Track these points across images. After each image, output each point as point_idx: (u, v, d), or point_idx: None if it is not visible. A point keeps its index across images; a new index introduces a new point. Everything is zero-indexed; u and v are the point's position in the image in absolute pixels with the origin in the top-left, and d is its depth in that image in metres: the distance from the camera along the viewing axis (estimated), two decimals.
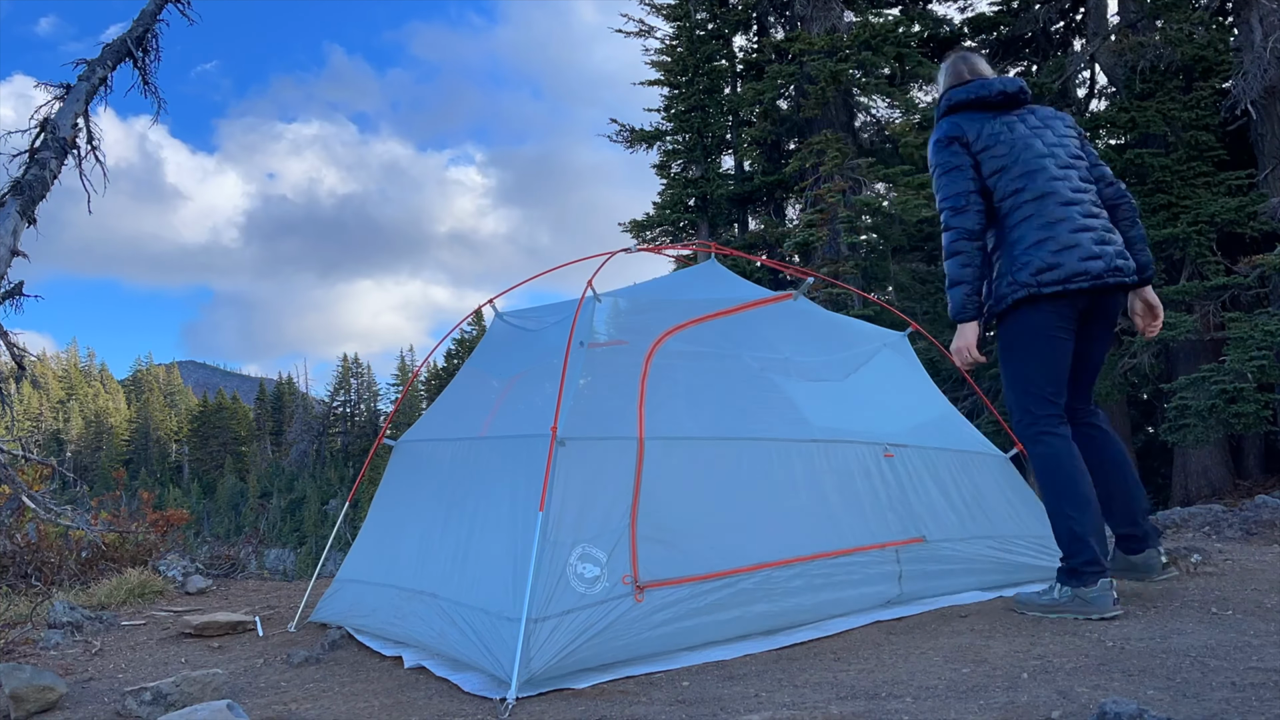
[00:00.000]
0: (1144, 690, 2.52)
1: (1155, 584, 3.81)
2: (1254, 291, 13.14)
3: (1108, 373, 14.17)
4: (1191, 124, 13.94)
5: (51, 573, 5.88)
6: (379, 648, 3.86)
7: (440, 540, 3.86)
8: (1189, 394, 11.94)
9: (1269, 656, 2.82)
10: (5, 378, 5.27)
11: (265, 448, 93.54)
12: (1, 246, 4.94)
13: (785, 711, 2.49)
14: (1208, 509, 6.23)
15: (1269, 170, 13.27)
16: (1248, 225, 13.25)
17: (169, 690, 3.03)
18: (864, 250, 15.19)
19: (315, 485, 76.16)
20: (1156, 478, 16.94)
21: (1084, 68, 16.14)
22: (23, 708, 3.08)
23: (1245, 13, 12.87)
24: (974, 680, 2.72)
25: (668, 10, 18.83)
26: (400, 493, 4.49)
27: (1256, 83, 12.50)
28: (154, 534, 6.89)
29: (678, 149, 19.22)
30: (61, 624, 4.57)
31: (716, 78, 18.55)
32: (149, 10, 5.83)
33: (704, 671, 3.11)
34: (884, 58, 15.24)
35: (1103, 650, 3.01)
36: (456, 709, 2.91)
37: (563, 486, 3.38)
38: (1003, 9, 16.89)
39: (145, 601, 5.41)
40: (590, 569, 3.27)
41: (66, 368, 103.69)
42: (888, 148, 16.11)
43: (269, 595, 5.59)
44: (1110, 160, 14.59)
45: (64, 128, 5.41)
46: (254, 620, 4.59)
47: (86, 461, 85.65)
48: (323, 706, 3.02)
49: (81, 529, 5.55)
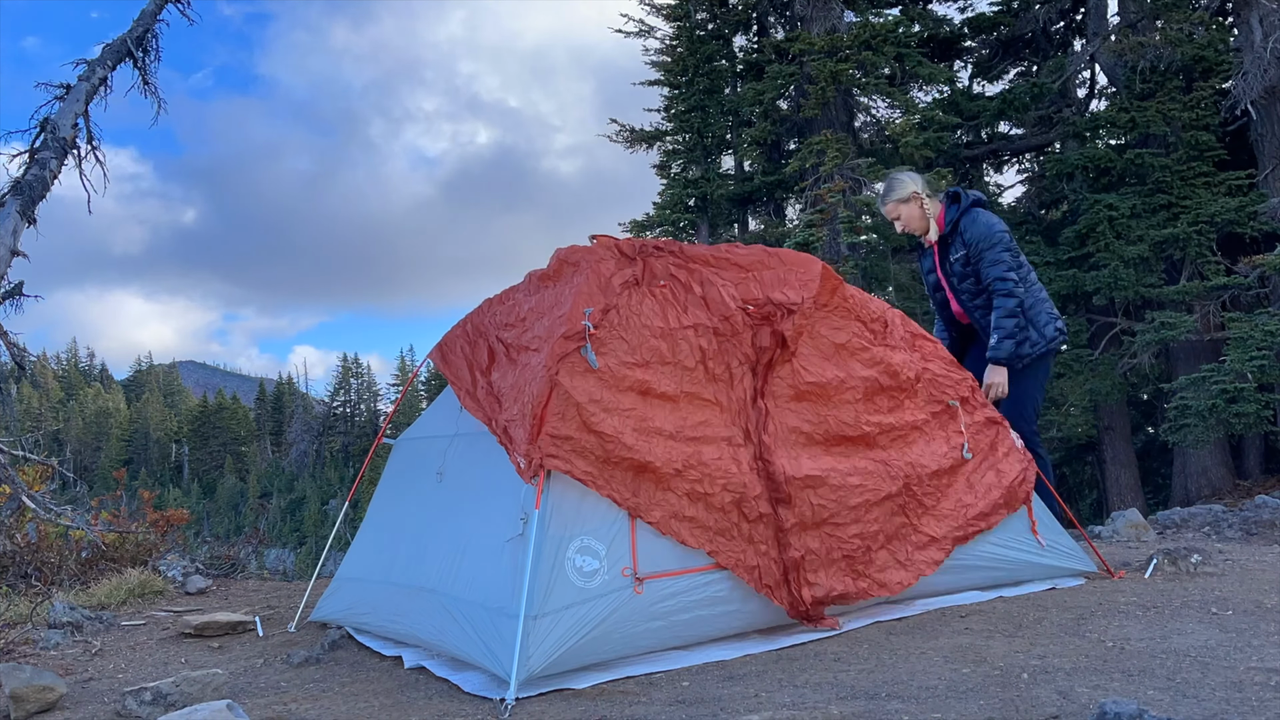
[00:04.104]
0: (1144, 690, 2.52)
1: (1155, 584, 3.81)
2: (1254, 291, 13.13)
3: (1108, 373, 14.17)
4: (1191, 124, 13.93)
5: (51, 573, 5.88)
6: (379, 647, 3.86)
7: (439, 536, 3.86)
8: (1189, 394, 11.94)
9: (1269, 656, 2.82)
10: (5, 378, 5.27)
11: (265, 448, 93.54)
12: (1, 246, 4.94)
13: (785, 711, 2.49)
14: (1208, 509, 6.23)
15: (1269, 170, 13.27)
16: (1248, 225, 13.24)
17: (169, 690, 3.03)
18: (864, 250, 15.18)
19: (315, 485, 76.17)
20: (1156, 478, 16.95)
21: (1084, 68, 16.13)
22: (23, 708, 3.08)
23: (1245, 13, 12.87)
24: (974, 680, 2.72)
25: (668, 10, 18.82)
26: (399, 490, 4.49)
27: (1256, 83, 12.50)
28: (154, 534, 6.88)
29: (678, 149, 19.21)
30: (61, 624, 4.57)
31: (716, 78, 18.54)
32: (149, 10, 5.83)
33: (704, 671, 3.11)
34: (884, 58, 15.22)
35: (1103, 650, 3.01)
36: (456, 709, 2.91)
37: (562, 478, 3.36)
38: (1003, 9, 16.87)
39: (145, 601, 5.41)
40: (589, 562, 3.27)
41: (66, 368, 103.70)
42: (888, 148, 16.09)
43: (269, 595, 5.59)
44: (1110, 160, 14.59)
45: (64, 128, 5.41)
46: (254, 620, 4.59)
47: (86, 461, 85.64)
48: (323, 706, 3.02)
49: (81, 529, 5.55)
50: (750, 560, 3.52)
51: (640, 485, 3.41)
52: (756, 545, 3.54)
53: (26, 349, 5.26)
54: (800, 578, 3.55)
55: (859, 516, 3.76)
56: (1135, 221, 13.85)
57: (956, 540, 4.01)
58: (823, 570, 3.63)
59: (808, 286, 3.97)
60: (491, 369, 3.88)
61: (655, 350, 3.62)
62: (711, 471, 3.51)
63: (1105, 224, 13.93)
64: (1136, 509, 6.86)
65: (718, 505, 3.50)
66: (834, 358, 4.00)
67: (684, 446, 3.51)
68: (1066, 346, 15.02)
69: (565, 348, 3.47)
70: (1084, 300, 15.02)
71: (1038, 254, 14.81)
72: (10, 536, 5.93)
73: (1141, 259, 13.71)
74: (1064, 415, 15.01)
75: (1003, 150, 17.79)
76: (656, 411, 3.53)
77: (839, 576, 3.66)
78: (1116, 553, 5.04)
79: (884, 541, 3.82)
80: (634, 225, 19.31)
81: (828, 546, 3.66)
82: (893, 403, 4.10)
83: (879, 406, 4.04)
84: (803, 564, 3.57)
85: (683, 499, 3.44)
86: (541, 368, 3.46)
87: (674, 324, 3.70)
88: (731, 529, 3.51)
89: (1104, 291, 13.99)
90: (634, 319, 3.65)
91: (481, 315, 4.20)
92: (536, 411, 3.35)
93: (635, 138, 19.19)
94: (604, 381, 3.47)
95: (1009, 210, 17.45)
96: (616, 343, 3.57)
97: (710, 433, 3.60)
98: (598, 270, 3.75)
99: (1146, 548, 5.26)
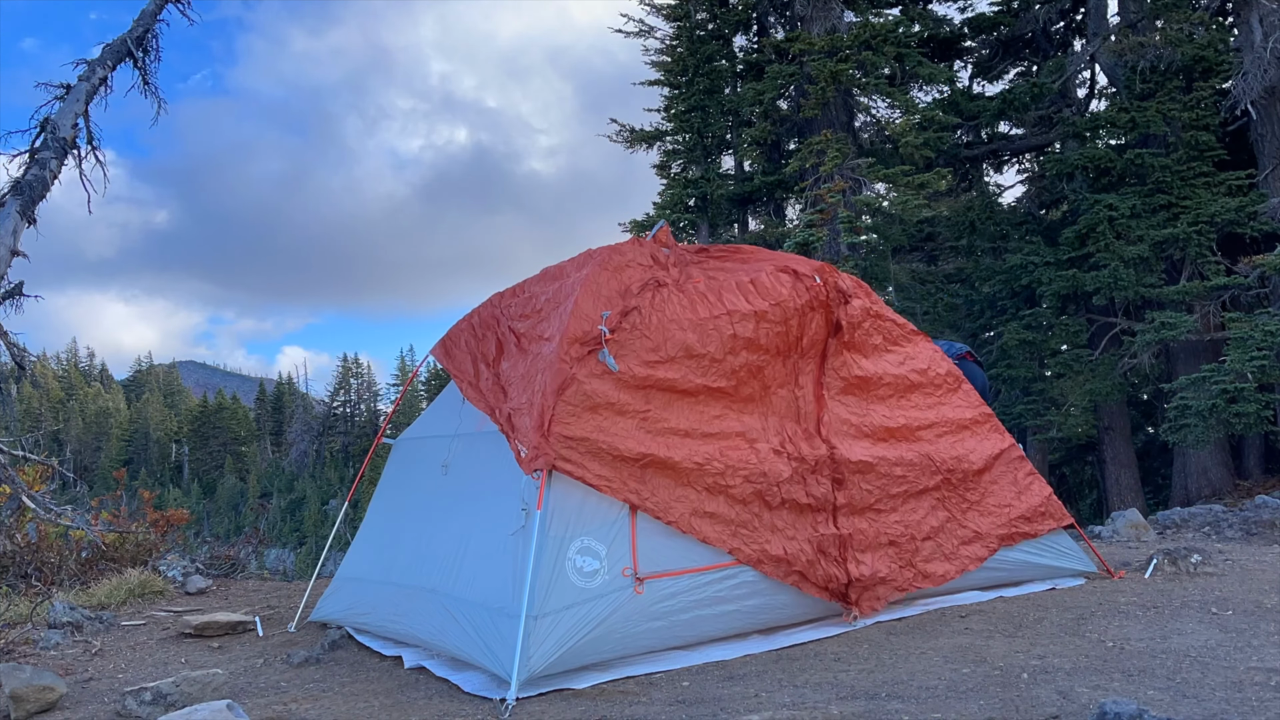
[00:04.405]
0: (1144, 690, 2.52)
1: (1155, 584, 3.81)
2: (1254, 291, 13.13)
3: (1108, 373, 14.17)
4: (1191, 124, 13.92)
5: (51, 573, 5.87)
6: (379, 648, 3.86)
7: (440, 536, 3.85)
8: (1189, 394, 11.93)
9: (1269, 656, 2.81)
10: (5, 378, 5.26)
11: (265, 448, 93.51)
12: (1, 246, 4.94)
13: (785, 711, 2.49)
14: (1208, 509, 6.23)
15: (1269, 170, 13.27)
16: (1248, 225, 13.24)
17: (169, 690, 3.03)
18: (864, 250, 15.17)
19: (315, 485, 76.12)
20: (1156, 478, 16.93)
21: (1084, 68, 16.13)
22: (23, 708, 3.08)
23: (1245, 13, 12.87)
24: (974, 680, 2.72)
25: (668, 10, 18.81)
26: (399, 490, 4.49)
27: (1256, 83, 12.49)
28: (154, 534, 6.88)
29: (678, 149, 19.20)
30: (61, 624, 4.57)
31: (716, 78, 18.53)
32: (149, 10, 5.82)
33: (704, 671, 3.11)
34: (884, 58, 15.21)
35: (1103, 650, 3.00)
36: (456, 709, 2.91)
37: (563, 479, 3.36)
38: (1003, 9, 16.87)
39: (145, 601, 5.41)
40: (590, 562, 3.27)
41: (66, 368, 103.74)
42: (888, 148, 16.08)
43: (269, 595, 5.59)
44: (1110, 160, 14.58)
45: (64, 128, 5.40)
46: (254, 620, 4.59)
47: (86, 461, 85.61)
48: (323, 706, 3.02)
49: (81, 529, 5.54)
50: (774, 549, 3.53)
51: (658, 485, 3.42)
52: (782, 532, 3.57)
53: (26, 349, 5.26)
54: (848, 554, 3.61)
55: (897, 505, 3.83)
56: (1135, 221, 13.85)
57: (1002, 539, 4.06)
58: (870, 552, 3.70)
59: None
60: (500, 360, 3.90)
61: (682, 344, 3.62)
62: (733, 463, 3.53)
63: (1105, 224, 13.93)
64: (1136, 509, 6.86)
65: (739, 497, 3.52)
66: (871, 355, 4.07)
67: (702, 444, 3.53)
68: (1066, 346, 15.08)
69: (576, 351, 3.48)
70: (1084, 300, 15.02)
71: (1038, 254, 14.81)
72: (10, 536, 5.93)
73: (1141, 259, 13.70)
74: (1064, 415, 15.00)
75: (1003, 150, 17.80)
76: (676, 408, 3.55)
77: (885, 561, 3.72)
78: (1116, 553, 5.04)
79: (929, 533, 3.88)
80: (634, 225, 19.31)
81: (875, 529, 3.73)
82: (930, 399, 4.16)
83: (915, 403, 4.12)
84: (851, 542, 3.63)
85: (703, 494, 3.46)
86: (554, 357, 3.46)
87: (704, 314, 3.69)
88: (753, 520, 3.54)
89: (1104, 291, 13.99)
90: (657, 316, 3.65)
91: (492, 308, 4.22)
92: (546, 401, 3.35)
93: (635, 138, 19.18)
94: (622, 383, 3.48)
95: (1009, 210, 17.45)
96: (638, 342, 3.58)
97: (728, 427, 3.62)
98: (620, 275, 3.78)
99: (1146, 548, 5.26)
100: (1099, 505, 16.54)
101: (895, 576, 3.74)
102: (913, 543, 3.84)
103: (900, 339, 4.23)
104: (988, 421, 4.32)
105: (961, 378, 4.36)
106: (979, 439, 4.22)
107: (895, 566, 3.75)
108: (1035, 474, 4.34)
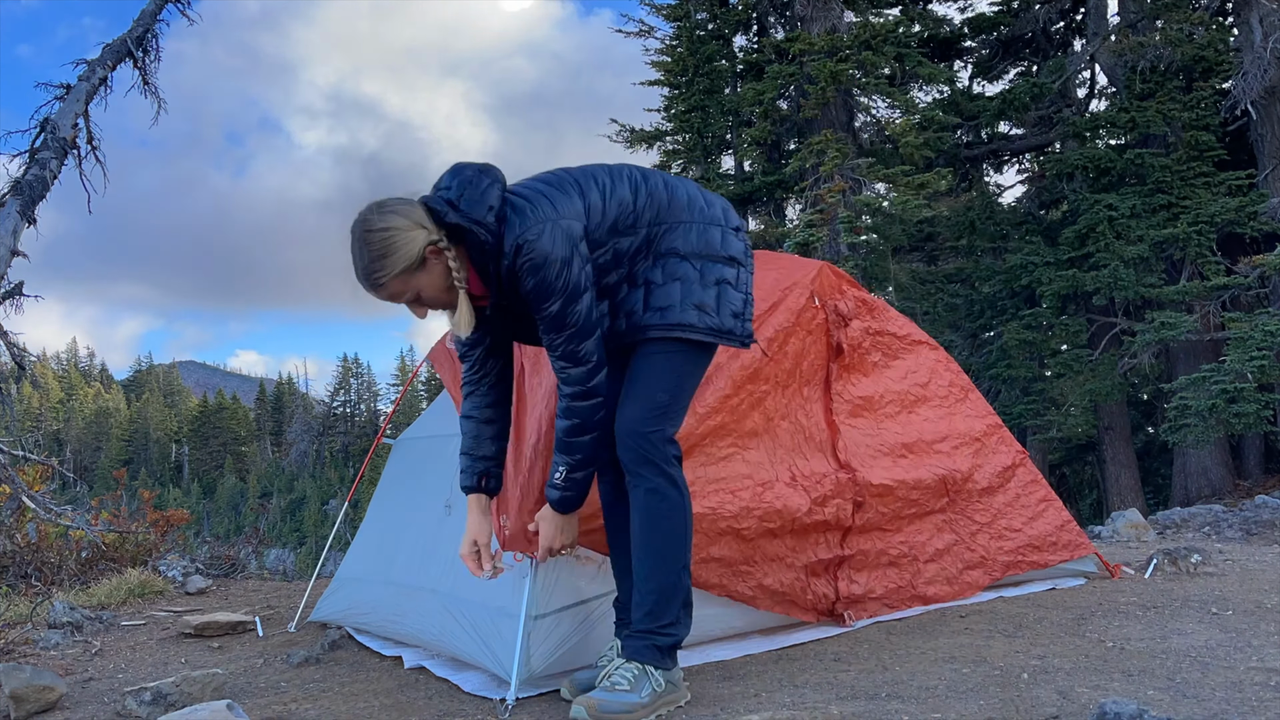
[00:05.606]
0: (1144, 690, 2.52)
1: (1155, 584, 3.82)
2: (1254, 292, 13.14)
3: (1108, 373, 14.18)
4: (1191, 124, 13.94)
5: (51, 573, 5.88)
6: (379, 648, 3.86)
7: (440, 535, 3.85)
8: (1189, 394, 11.94)
9: (1269, 656, 2.82)
10: (5, 378, 5.28)
11: (265, 448, 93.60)
12: (1, 246, 4.94)
13: (785, 711, 2.49)
14: (1208, 509, 6.24)
15: (1269, 170, 13.28)
16: (1248, 225, 13.25)
17: (169, 690, 3.03)
18: (864, 250, 15.17)
19: (315, 485, 76.20)
20: (1156, 478, 16.95)
21: (1084, 68, 16.14)
22: (23, 708, 3.08)
23: (1245, 13, 12.87)
24: (974, 680, 2.72)
25: (668, 10, 18.82)
26: (399, 489, 4.49)
27: (1256, 83, 12.50)
28: (154, 534, 6.89)
29: (678, 149, 19.22)
30: (61, 624, 4.57)
31: (716, 78, 18.54)
32: (149, 10, 5.83)
33: (704, 671, 3.11)
34: (884, 58, 15.22)
35: (1103, 650, 3.01)
36: (456, 709, 2.91)
37: None
38: (1003, 9, 16.88)
39: (145, 601, 5.41)
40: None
41: (66, 368, 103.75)
42: (888, 148, 16.10)
43: (269, 595, 5.59)
44: (1110, 160, 14.60)
45: (64, 128, 5.41)
46: (254, 620, 4.59)
47: (86, 461, 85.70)
48: (323, 706, 3.02)
49: (81, 529, 5.55)
50: (770, 581, 3.40)
51: None
52: (782, 560, 3.45)
53: (26, 349, 5.27)
54: (841, 573, 3.54)
55: (903, 526, 3.75)
56: (1135, 221, 13.86)
57: (1007, 568, 3.97)
58: (867, 571, 3.63)
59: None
60: None
61: None
62: (747, 504, 3.32)
63: (1105, 224, 13.95)
64: (1136, 509, 6.87)
65: (749, 536, 3.33)
66: (872, 373, 3.95)
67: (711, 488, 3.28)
68: (1066, 346, 15.09)
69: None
70: (1084, 300, 15.04)
71: (1038, 254, 14.82)
72: (10, 536, 5.93)
73: (1141, 259, 13.72)
74: (1064, 415, 15.02)
75: (1003, 150, 17.81)
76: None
77: (881, 580, 3.66)
78: (1116, 553, 5.04)
79: (933, 555, 3.79)
80: None
81: (879, 549, 3.67)
82: (938, 411, 4.06)
83: (925, 416, 4.01)
84: (850, 561, 3.57)
85: (709, 538, 3.24)
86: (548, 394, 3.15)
87: None
88: (755, 554, 3.39)
89: (1104, 291, 14.01)
90: None
91: None
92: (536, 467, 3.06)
93: (635, 138, 19.20)
94: None
95: (1009, 210, 17.47)
96: None
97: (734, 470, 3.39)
98: None
99: (1146, 548, 5.26)
100: (1099, 505, 16.56)
101: (889, 596, 3.67)
102: (915, 564, 3.76)
103: (900, 351, 4.11)
104: (996, 433, 4.21)
105: (969, 386, 4.24)
106: (989, 453, 4.12)
107: (892, 587, 3.69)
108: (1052, 498, 4.22)
